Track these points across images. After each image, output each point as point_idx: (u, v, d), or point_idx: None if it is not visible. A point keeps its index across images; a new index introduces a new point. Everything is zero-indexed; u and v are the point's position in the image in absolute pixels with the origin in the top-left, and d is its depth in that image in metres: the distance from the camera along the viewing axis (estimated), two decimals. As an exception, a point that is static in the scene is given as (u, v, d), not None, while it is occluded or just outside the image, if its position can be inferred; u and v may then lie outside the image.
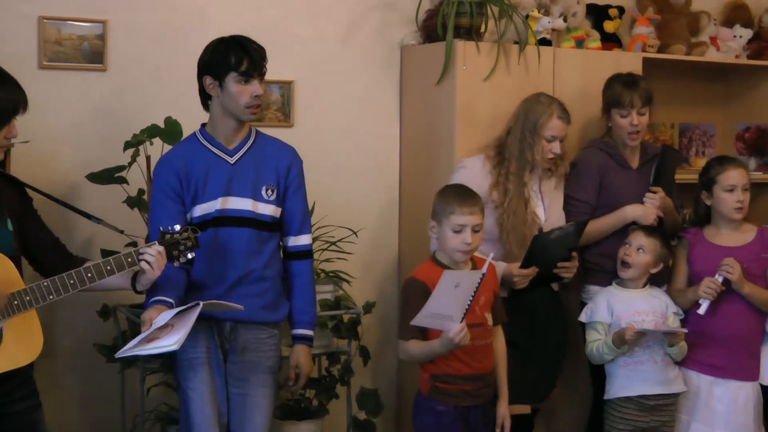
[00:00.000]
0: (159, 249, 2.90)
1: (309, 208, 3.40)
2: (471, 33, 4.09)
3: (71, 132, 3.77)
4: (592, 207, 3.96)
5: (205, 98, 3.22)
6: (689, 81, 5.14)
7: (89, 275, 2.83)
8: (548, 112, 3.78)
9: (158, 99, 3.86)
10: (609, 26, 4.74)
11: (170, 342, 2.79)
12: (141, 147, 3.58)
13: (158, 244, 2.91)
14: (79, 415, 3.86)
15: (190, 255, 2.97)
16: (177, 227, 2.96)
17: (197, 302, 2.91)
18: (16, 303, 2.75)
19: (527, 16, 4.30)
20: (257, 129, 3.33)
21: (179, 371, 3.22)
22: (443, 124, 4.14)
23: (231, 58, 3.10)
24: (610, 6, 4.78)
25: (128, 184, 3.64)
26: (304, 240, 3.32)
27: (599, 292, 3.83)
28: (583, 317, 3.79)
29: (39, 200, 3.08)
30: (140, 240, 2.96)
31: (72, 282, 2.81)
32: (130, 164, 3.59)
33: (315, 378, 3.90)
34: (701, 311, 3.70)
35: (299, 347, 3.31)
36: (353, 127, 4.35)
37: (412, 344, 3.23)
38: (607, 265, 3.88)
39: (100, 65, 3.80)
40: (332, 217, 4.09)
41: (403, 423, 4.38)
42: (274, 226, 3.26)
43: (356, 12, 4.32)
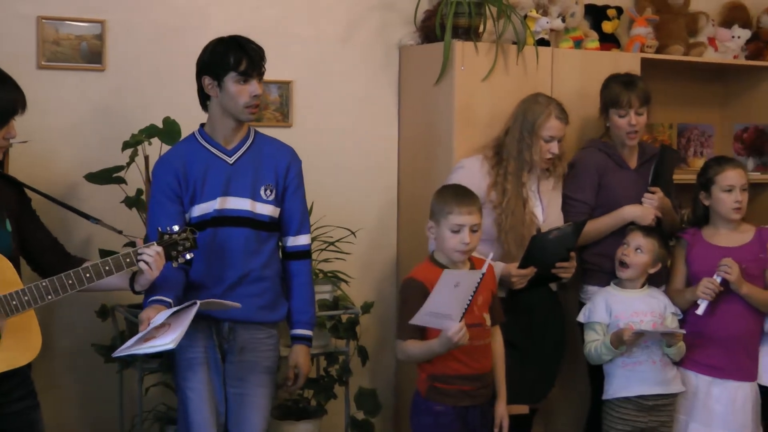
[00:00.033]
0: (157, 249, 2.89)
1: (308, 208, 3.40)
2: (469, 33, 4.09)
3: (70, 132, 3.77)
4: (591, 207, 3.96)
5: (204, 98, 3.22)
6: (687, 81, 5.14)
7: (88, 275, 2.82)
8: (546, 113, 3.78)
9: (157, 99, 3.86)
10: (607, 27, 4.74)
11: (167, 341, 2.79)
12: (139, 147, 3.58)
13: (157, 245, 2.91)
14: (78, 415, 3.86)
15: (189, 255, 2.97)
16: (176, 228, 2.96)
17: (194, 301, 2.91)
18: (15, 303, 2.75)
19: (525, 17, 4.30)
20: (256, 129, 3.33)
21: (178, 371, 3.23)
22: (442, 125, 4.14)
23: (230, 58, 3.10)
24: (609, 6, 4.78)
25: (126, 184, 3.64)
26: (303, 240, 3.32)
27: (597, 293, 3.83)
28: (582, 317, 3.79)
29: (37, 200, 3.07)
30: (139, 240, 2.95)
31: (70, 282, 2.81)
32: (129, 164, 3.59)
33: (313, 378, 3.90)
34: (699, 311, 3.70)
35: (298, 347, 3.31)
36: (352, 127, 4.35)
37: (411, 344, 3.23)
38: (606, 266, 3.88)
39: (99, 65, 3.80)
40: (331, 217, 4.09)
41: (402, 423, 4.38)
42: (273, 226, 3.26)
43: (355, 12, 4.32)
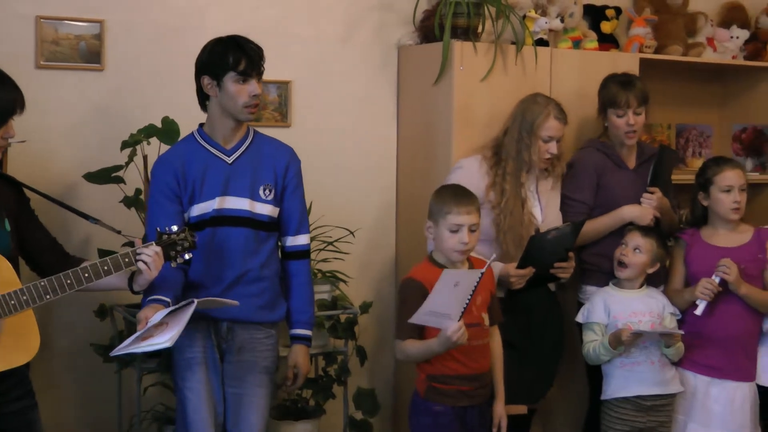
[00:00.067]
0: (156, 249, 2.89)
1: (307, 208, 3.40)
2: (468, 33, 4.09)
3: (68, 132, 3.76)
4: (589, 207, 3.96)
5: (203, 98, 3.22)
6: (686, 82, 5.14)
7: (86, 275, 2.82)
8: (545, 113, 3.78)
9: (155, 99, 3.86)
10: (606, 27, 4.75)
11: (163, 339, 2.78)
12: (138, 147, 3.57)
13: (155, 245, 2.91)
14: (76, 415, 3.85)
15: (188, 256, 2.96)
16: (174, 228, 2.96)
17: (191, 300, 2.91)
18: (13, 303, 2.74)
19: (524, 17, 4.31)
20: (255, 129, 3.33)
21: (176, 371, 3.23)
22: (440, 125, 4.14)
23: (229, 58, 3.10)
24: (607, 7, 4.79)
25: (125, 184, 3.64)
26: (302, 240, 3.32)
27: (596, 293, 3.83)
28: (580, 318, 3.79)
29: (36, 200, 3.07)
30: (137, 240, 2.95)
31: (69, 282, 2.80)
32: (127, 164, 3.59)
33: (312, 378, 3.90)
34: (698, 312, 3.70)
35: (297, 347, 3.31)
36: (350, 127, 4.34)
37: (410, 344, 3.23)
38: (605, 266, 3.88)
39: (98, 65, 3.80)
40: (329, 217, 4.09)
41: (400, 423, 4.38)
42: (272, 226, 3.26)
43: (353, 12, 4.32)
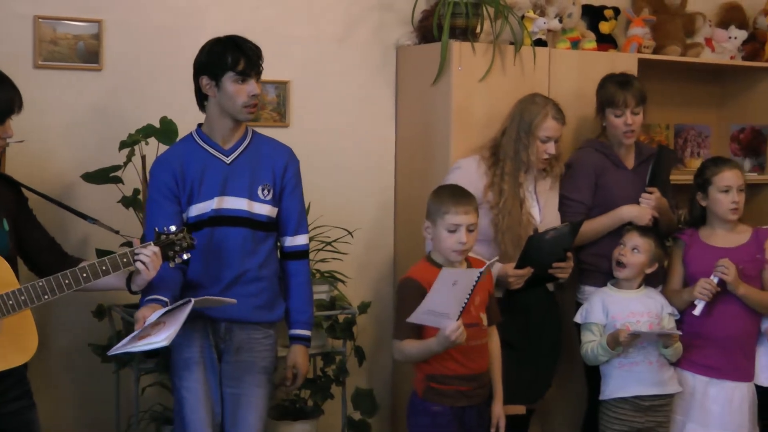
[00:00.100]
0: (154, 249, 2.89)
1: (305, 208, 3.40)
2: (466, 34, 4.09)
3: (66, 132, 3.76)
4: (588, 207, 3.96)
5: (201, 98, 3.22)
6: (684, 82, 5.15)
7: (84, 275, 2.82)
8: (543, 113, 3.78)
9: (154, 99, 3.85)
10: (604, 27, 4.74)
11: (160, 338, 2.78)
12: (136, 147, 3.57)
13: (154, 245, 2.91)
14: (74, 415, 3.85)
15: (186, 256, 2.97)
16: (173, 228, 2.96)
17: (189, 299, 2.91)
18: (11, 303, 2.74)
19: (523, 17, 4.30)
20: (254, 129, 3.33)
21: (174, 371, 3.23)
22: (439, 125, 4.14)
23: (228, 58, 3.10)
24: (606, 7, 4.79)
25: (123, 184, 3.64)
26: (301, 240, 3.32)
27: (594, 293, 3.83)
28: (578, 318, 3.79)
29: (34, 200, 3.07)
30: (136, 240, 2.95)
31: (67, 282, 2.80)
32: (126, 164, 3.59)
33: (310, 378, 3.89)
34: (696, 312, 3.70)
35: (296, 347, 3.31)
36: (349, 128, 4.34)
37: (408, 343, 3.23)
38: (603, 266, 3.88)
39: (96, 65, 3.79)
40: (328, 218, 4.09)
41: (398, 423, 4.38)
42: (271, 226, 3.26)
43: (352, 12, 4.32)
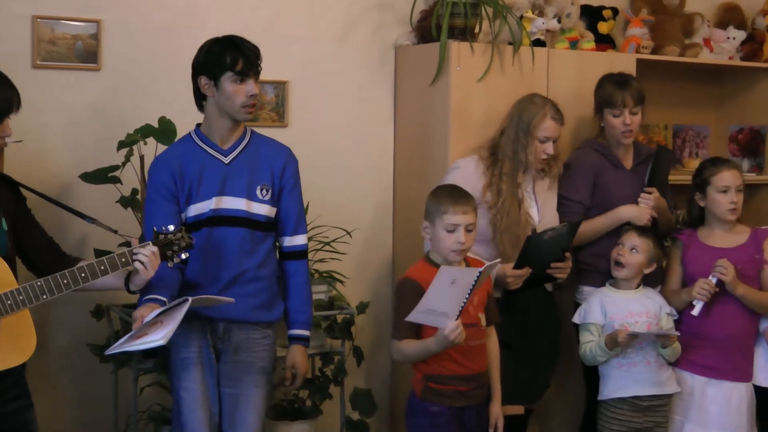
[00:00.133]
0: (153, 249, 2.89)
1: (304, 208, 3.40)
2: (465, 34, 4.09)
3: (65, 132, 3.76)
4: (586, 207, 3.96)
5: (200, 98, 3.22)
6: (683, 82, 5.15)
7: (83, 275, 2.82)
8: (542, 113, 3.78)
9: (152, 99, 3.85)
10: (603, 27, 4.75)
11: (157, 337, 2.78)
12: (135, 147, 3.57)
13: (152, 245, 2.91)
14: (72, 415, 3.85)
15: (184, 255, 2.96)
16: (171, 227, 2.96)
17: (186, 298, 2.90)
18: (9, 303, 2.74)
19: (521, 17, 4.30)
20: (253, 129, 3.33)
21: (172, 371, 3.23)
22: (437, 125, 4.14)
23: (226, 58, 3.10)
24: (604, 7, 4.79)
25: (122, 184, 3.63)
26: (300, 240, 3.32)
27: (593, 293, 3.83)
28: (577, 318, 3.79)
29: (32, 200, 3.07)
30: (134, 240, 2.95)
31: (65, 282, 2.80)
32: (124, 164, 3.59)
33: (308, 378, 3.89)
34: (695, 312, 3.70)
35: (295, 347, 3.31)
36: (347, 128, 4.34)
37: (406, 343, 3.22)
38: (602, 266, 3.88)
39: (94, 65, 3.79)
40: (326, 218, 4.08)
41: (397, 423, 4.38)
42: (269, 226, 3.26)
43: (351, 12, 4.32)
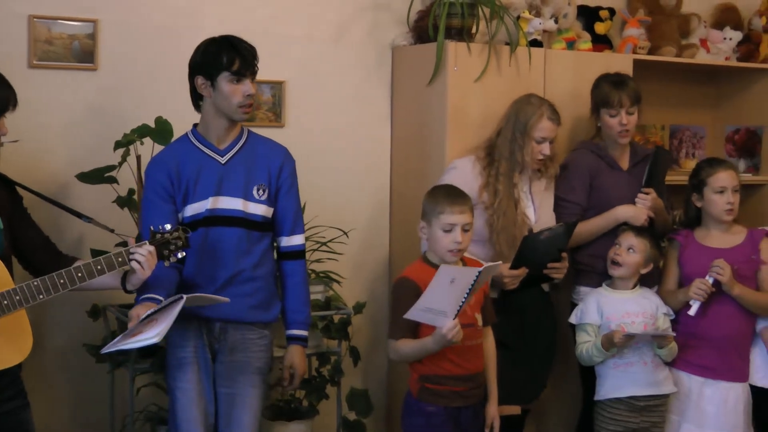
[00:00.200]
0: (150, 249, 2.89)
1: (301, 208, 3.40)
2: (462, 34, 4.09)
3: (61, 131, 3.75)
4: (583, 208, 3.97)
5: (196, 99, 3.22)
6: (679, 83, 5.16)
7: (79, 275, 2.81)
8: (538, 113, 3.78)
9: (149, 99, 3.85)
10: (600, 28, 4.75)
11: (151, 335, 2.77)
12: (131, 147, 3.57)
13: (149, 244, 2.90)
14: (69, 415, 3.84)
15: (181, 254, 2.96)
16: (168, 227, 2.96)
17: (180, 296, 2.90)
18: (6, 303, 2.74)
19: (518, 18, 4.31)
20: (250, 129, 3.33)
21: (168, 371, 3.23)
22: (434, 125, 4.14)
23: (223, 58, 3.10)
24: (601, 8, 4.79)
25: (118, 184, 3.63)
26: (297, 240, 3.32)
27: (589, 294, 3.84)
28: (573, 318, 3.80)
29: (29, 199, 3.07)
30: (131, 240, 2.95)
31: (62, 281, 2.80)
32: (121, 164, 3.58)
33: (305, 378, 3.88)
34: (692, 312, 3.70)
35: (293, 348, 3.31)
36: (344, 128, 4.34)
37: (404, 343, 3.22)
38: (598, 267, 3.88)
39: (91, 64, 3.79)
40: (323, 218, 4.08)
41: (394, 423, 4.37)
42: (266, 226, 3.25)
43: (347, 12, 4.32)
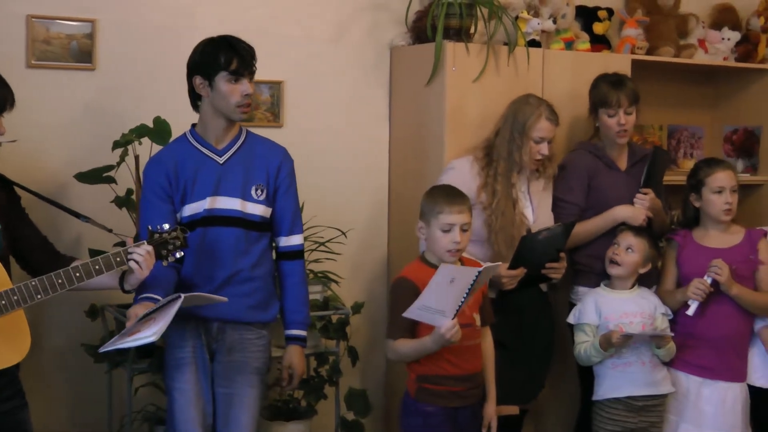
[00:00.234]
0: (148, 248, 2.89)
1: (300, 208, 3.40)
2: (460, 34, 4.09)
3: (59, 131, 3.75)
4: (581, 209, 3.97)
5: (195, 99, 3.22)
6: (678, 83, 5.16)
7: (77, 274, 2.81)
8: (537, 114, 3.78)
9: (147, 99, 3.85)
10: (598, 28, 4.75)
11: (149, 333, 2.77)
12: (129, 147, 3.57)
13: (147, 244, 2.90)
14: (67, 416, 3.84)
15: (179, 254, 2.96)
16: (166, 226, 2.96)
17: (178, 294, 2.90)
18: (4, 303, 2.74)
19: (517, 18, 4.31)
20: (248, 129, 3.33)
21: (166, 371, 3.23)
22: (432, 125, 4.14)
23: (221, 58, 3.10)
24: (599, 8, 4.79)
25: (117, 184, 3.63)
26: (296, 240, 3.32)
27: (587, 294, 3.84)
28: (572, 319, 3.79)
29: (26, 199, 3.07)
30: (129, 239, 2.95)
31: (60, 281, 2.80)
32: (119, 164, 3.58)
33: (303, 378, 3.88)
34: (690, 312, 3.71)
35: (292, 348, 3.31)
36: (343, 128, 4.34)
37: (402, 342, 3.22)
38: (597, 267, 3.88)
39: (89, 64, 3.79)
40: (321, 218, 4.08)
41: (392, 423, 4.37)
42: (264, 226, 3.25)
43: (346, 12, 4.32)
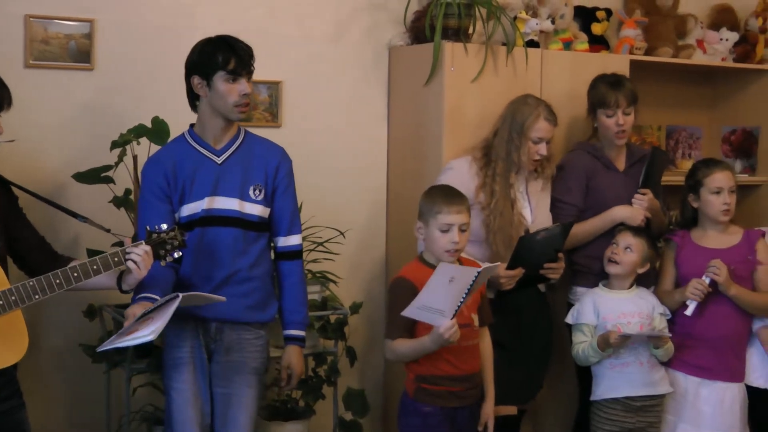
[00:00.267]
0: (146, 249, 2.89)
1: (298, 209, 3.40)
2: (459, 34, 4.09)
3: (57, 131, 3.75)
4: (579, 209, 3.97)
5: (193, 99, 3.22)
6: (676, 83, 5.16)
7: (75, 275, 2.81)
8: (535, 114, 3.78)
9: (145, 99, 3.85)
10: (596, 28, 4.75)
11: (147, 332, 2.77)
12: (128, 147, 3.56)
13: (145, 244, 2.90)
14: (65, 416, 3.84)
15: (177, 254, 2.96)
16: (164, 226, 2.96)
17: (176, 294, 2.90)
18: (1, 303, 2.74)
19: (515, 18, 4.31)
20: (247, 129, 3.33)
21: (164, 371, 3.23)
22: (431, 125, 4.14)
23: (218, 58, 3.10)
24: (598, 8, 4.79)
25: (115, 184, 3.62)
26: (294, 240, 3.32)
27: (585, 294, 3.84)
28: (570, 319, 3.80)
29: (24, 199, 3.06)
30: (127, 239, 2.95)
31: (58, 281, 2.79)
32: (117, 164, 3.58)
33: (302, 378, 3.88)
34: (688, 312, 3.71)
35: (291, 348, 3.31)
36: (341, 128, 4.34)
37: (400, 342, 3.22)
38: (595, 267, 3.88)
39: (87, 64, 3.78)
40: (319, 218, 4.08)
41: (390, 423, 4.37)
42: (262, 226, 3.25)
43: (344, 12, 4.32)
